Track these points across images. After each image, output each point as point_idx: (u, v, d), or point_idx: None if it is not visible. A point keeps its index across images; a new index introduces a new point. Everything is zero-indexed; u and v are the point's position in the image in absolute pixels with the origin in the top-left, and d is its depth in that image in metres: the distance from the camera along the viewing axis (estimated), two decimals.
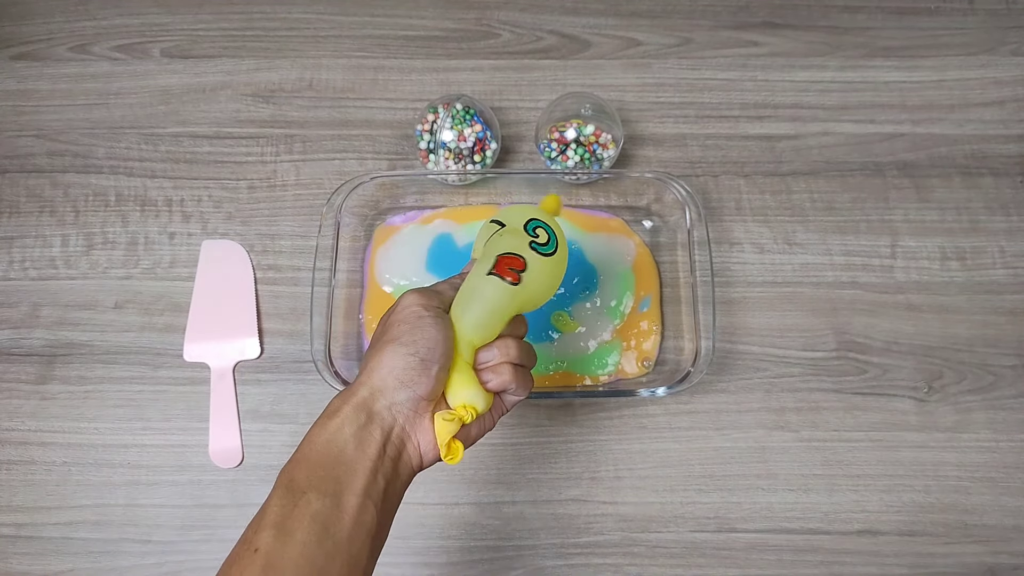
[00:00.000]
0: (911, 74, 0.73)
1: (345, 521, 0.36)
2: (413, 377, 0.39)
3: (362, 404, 0.38)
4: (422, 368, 0.39)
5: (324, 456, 0.37)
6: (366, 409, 0.38)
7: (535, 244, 0.43)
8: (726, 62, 0.73)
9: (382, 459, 0.38)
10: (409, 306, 0.41)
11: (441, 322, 0.41)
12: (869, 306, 0.64)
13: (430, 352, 0.39)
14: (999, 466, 0.60)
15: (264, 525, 0.35)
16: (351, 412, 0.38)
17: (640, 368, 0.62)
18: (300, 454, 0.38)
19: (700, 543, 0.58)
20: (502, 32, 0.74)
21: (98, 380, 0.62)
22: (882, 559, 0.58)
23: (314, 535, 0.34)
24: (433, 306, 0.41)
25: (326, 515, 0.35)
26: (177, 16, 0.75)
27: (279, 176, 0.69)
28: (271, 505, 0.36)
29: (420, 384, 0.39)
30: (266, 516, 0.35)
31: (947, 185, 0.69)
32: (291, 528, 0.34)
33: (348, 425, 0.38)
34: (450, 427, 0.40)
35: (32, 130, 0.70)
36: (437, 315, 0.41)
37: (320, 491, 0.36)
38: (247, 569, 0.33)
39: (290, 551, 0.34)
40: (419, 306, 0.41)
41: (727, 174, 0.69)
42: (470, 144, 0.63)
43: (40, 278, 0.65)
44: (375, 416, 0.38)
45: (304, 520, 0.35)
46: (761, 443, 0.61)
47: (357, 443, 0.37)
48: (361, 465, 0.37)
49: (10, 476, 0.60)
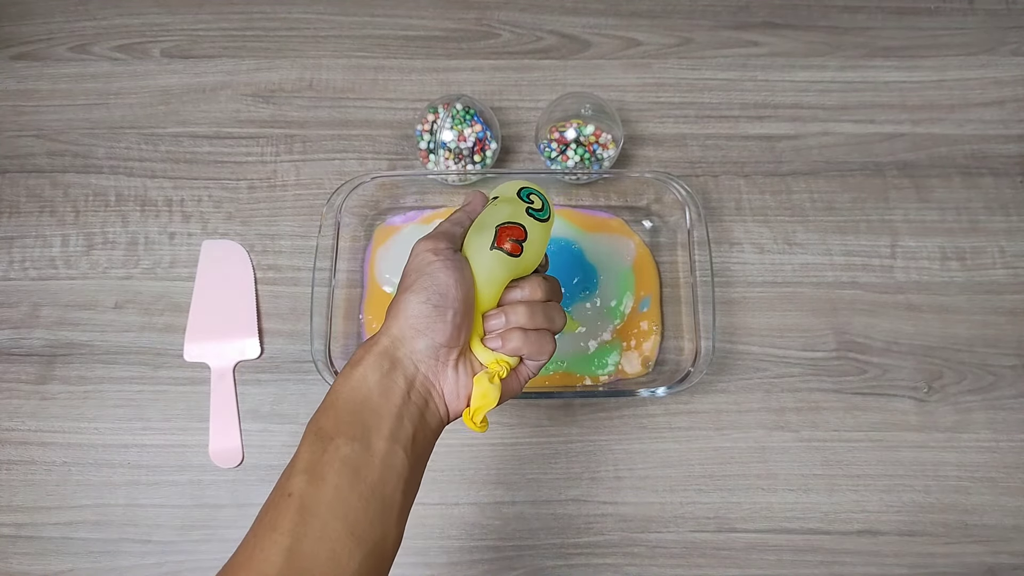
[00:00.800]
0: (911, 74, 0.73)
1: (375, 464, 0.36)
2: (429, 324, 0.39)
3: (384, 352, 0.38)
4: (437, 315, 0.39)
5: (350, 403, 0.37)
6: (388, 357, 0.38)
7: (531, 210, 0.43)
8: (726, 62, 0.73)
9: (407, 405, 0.38)
10: (419, 253, 0.41)
11: (452, 264, 0.40)
12: (869, 306, 0.64)
13: (442, 298, 0.39)
14: (999, 466, 0.60)
15: (296, 471, 0.35)
16: (374, 360, 0.38)
17: (641, 368, 0.62)
18: (327, 403, 0.38)
19: (700, 543, 0.58)
20: (502, 32, 0.74)
21: (98, 380, 0.62)
22: (882, 559, 0.58)
23: (346, 478, 0.35)
24: (442, 248, 0.40)
25: (356, 459, 0.35)
26: (177, 16, 0.75)
27: (279, 176, 0.69)
28: (301, 453, 0.36)
29: (437, 331, 0.39)
30: (297, 463, 0.36)
31: (947, 185, 0.69)
32: (322, 472, 0.35)
33: (372, 373, 0.38)
34: (492, 390, 0.40)
35: (32, 130, 0.70)
36: (447, 257, 0.40)
37: (348, 436, 0.36)
38: (283, 513, 0.34)
39: (324, 494, 0.34)
40: (428, 251, 0.40)
41: (727, 174, 0.69)
42: (470, 144, 0.63)
43: (40, 278, 0.65)
44: (398, 363, 0.38)
45: (335, 464, 0.35)
46: (761, 443, 0.61)
47: (382, 390, 0.38)
48: (387, 410, 0.37)
49: (10, 476, 0.60)
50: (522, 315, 0.42)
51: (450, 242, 0.41)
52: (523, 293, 0.43)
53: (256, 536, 0.34)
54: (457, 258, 0.40)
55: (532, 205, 0.43)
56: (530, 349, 0.42)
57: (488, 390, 0.40)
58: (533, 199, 0.43)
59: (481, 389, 0.40)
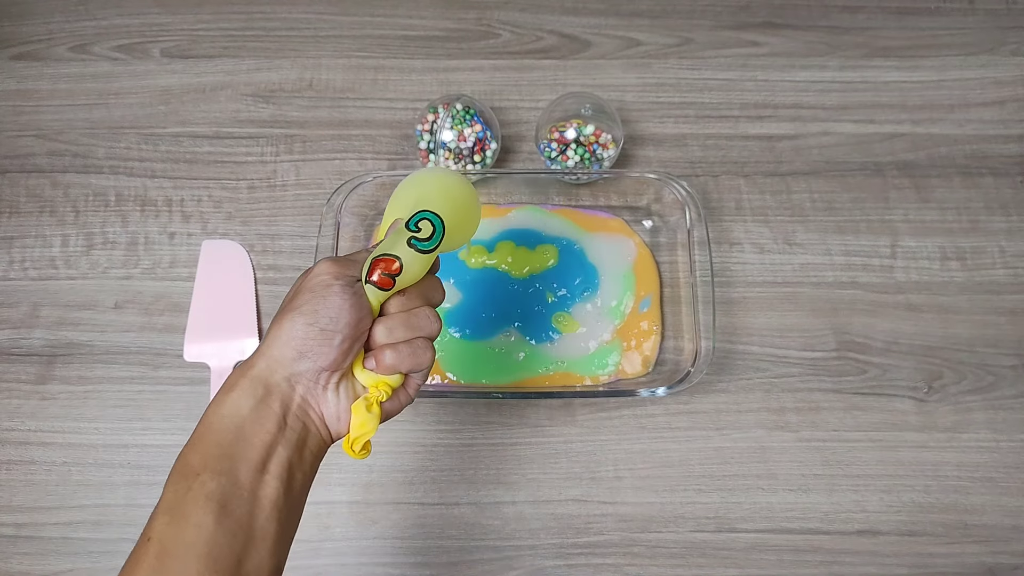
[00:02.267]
0: (911, 74, 0.73)
1: (245, 497, 0.34)
2: (313, 347, 0.37)
3: (259, 377, 0.37)
4: (323, 338, 0.37)
5: (220, 434, 0.36)
6: (263, 382, 0.37)
7: (414, 240, 0.39)
8: (726, 62, 0.73)
9: (283, 431, 0.37)
10: (319, 275, 0.39)
11: (350, 291, 0.38)
12: (869, 306, 0.64)
13: (332, 322, 0.37)
14: (999, 466, 0.60)
15: (157, 513, 0.34)
16: (248, 385, 0.37)
17: (641, 368, 0.62)
18: (196, 435, 0.36)
19: (700, 543, 0.58)
20: (502, 32, 0.74)
21: (98, 380, 0.62)
22: (882, 559, 0.58)
23: (211, 515, 0.33)
24: (345, 274, 0.39)
25: (222, 493, 0.34)
26: (177, 16, 0.75)
27: (279, 176, 0.69)
28: (166, 492, 0.35)
29: (321, 355, 0.37)
30: (160, 504, 0.34)
31: (947, 185, 0.69)
32: (185, 511, 0.33)
33: (245, 399, 0.36)
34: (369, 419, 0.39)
35: (32, 130, 0.70)
36: (347, 283, 0.38)
37: (215, 470, 0.34)
38: (141, 560, 0.32)
39: (185, 535, 0.33)
40: (328, 275, 0.39)
41: (727, 174, 0.69)
42: (470, 144, 0.63)
43: (40, 278, 0.65)
44: (274, 388, 0.37)
45: (199, 501, 0.33)
46: (761, 443, 0.61)
47: (255, 417, 0.36)
48: (259, 439, 0.36)
49: (10, 476, 0.60)
50: (385, 331, 0.40)
51: (355, 271, 0.40)
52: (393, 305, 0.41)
53: None
54: (357, 288, 0.39)
55: (417, 235, 0.39)
56: (406, 363, 0.40)
57: (366, 419, 0.39)
58: (422, 226, 0.39)
59: (359, 418, 0.39)
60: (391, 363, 0.40)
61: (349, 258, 0.41)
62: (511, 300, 0.63)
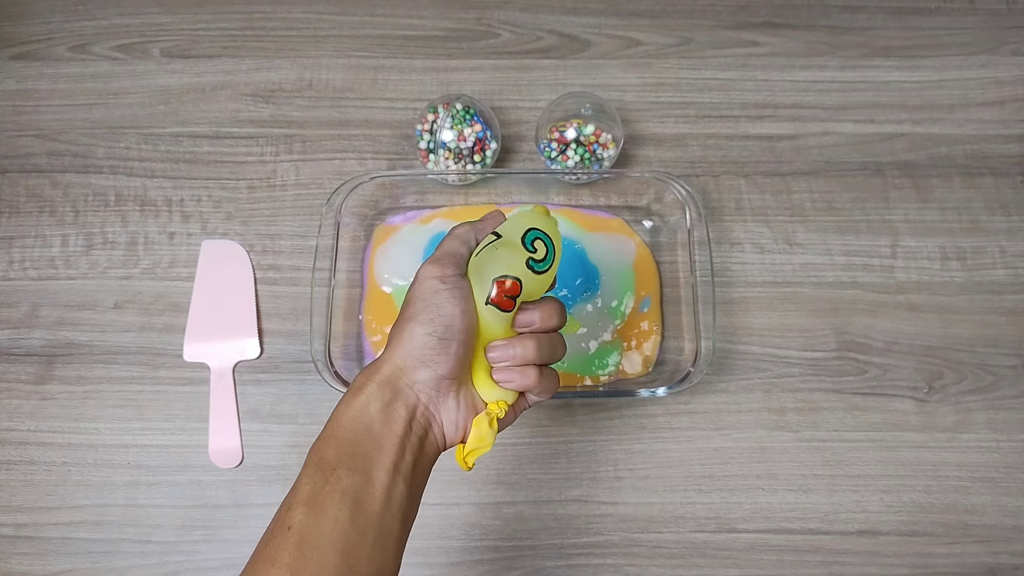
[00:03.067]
0: (911, 74, 0.73)
1: (376, 496, 0.36)
2: (432, 356, 0.38)
3: (386, 381, 0.38)
4: (441, 347, 0.38)
5: (352, 432, 0.37)
6: (391, 386, 0.38)
7: (532, 261, 0.40)
8: (726, 62, 0.73)
9: (409, 435, 0.38)
10: (425, 280, 0.40)
11: (458, 293, 0.39)
12: (869, 306, 0.64)
13: (447, 330, 0.38)
14: (999, 466, 0.60)
15: (296, 503, 0.35)
16: (376, 389, 0.38)
17: (641, 368, 0.62)
18: (328, 431, 0.38)
19: (700, 543, 0.58)
20: (502, 32, 0.74)
21: (98, 380, 0.62)
22: (882, 559, 0.58)
23: (346, 510, 0.35)
24: (449, 275, 0.40)
25: (357, 490, 0.35)
26: (177, 16, 0.75)
27: (279, 176, 0.69)
28: (302, 483, 0.36)
29: (440, 363, 0.38)
30: (298, 494, 0.36)
31: (947, 185, 0.69)
32: (323, 504, 0.35)
33: (374, 401, 0.38)
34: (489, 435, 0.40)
35: (32, 130, 0.70)
36: (454, 285, 0.39)
37: (350, 467, 0.36)
38: (282, 547, 0.34)
39: (323, 527, 0.34)
40: (435, 279, 0.39)
41: (727, 174, 0.69)
42: (470, 144, 0.63)
43: (40, 278, 0.65)
44: (400, 393, 0.38)
45: (335, 496, 0.35)
46: (761, 443, 0.61)
47: (384, 419, 0.38)
48: (389, 441, 0.37)
49: (10, 476, 0.60)
50: (531, 349, 0.40)
51: (456, 267, 0.40)
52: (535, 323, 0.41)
53: (255, 571, 0.34)
54: (463, 286, 0.40)
55: (534, 255, 0.40)
56: (542, 386, 0.41)
57: (486, 434, 0.40)
58: (537, 246, 0.40)
59: (479, 432, 0.40)
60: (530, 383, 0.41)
61: (445, 253, 0.41)
62: None
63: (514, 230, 0.41)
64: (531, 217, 0.42)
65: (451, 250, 0.41)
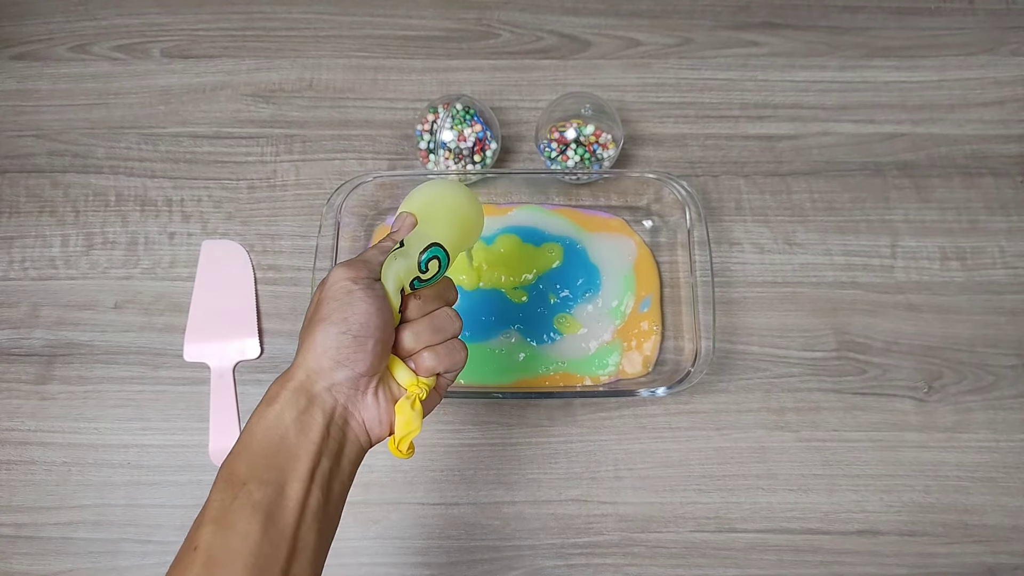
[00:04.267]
0: (911, 74, 0.73)
1: (290, 507, 0.35)
2: (348, 355, 0.38)
3: (301, 388, 0.37)
4: (357, 345, 0.38)
5: (265, 445, 0.36)
6: (305, 392, 0.37)
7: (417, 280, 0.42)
8: (726, 62, 0.73)
9: (326, 441, 0.37)
10: (337, 281, 0.39)
11: (372, 293, 0.39)
12: (869, 306, 0.64)
13: (363, 327, 0.38)
14: (999, 466, 0.60)
15: (204, 521, 0.34)
16: (290, 396, 0.37)
17: (641, 368, 0.62)
18: (240, 445, 0.37)
19: (700, 543, 0.58)
20: (502, 32, 0.74)
21: (98, 380, 0.62)
22: (882, 559, 0.58)
23: (257, 525, 0.34)
24: (362, 278, 0.39)
25: (268, 503, 0.34)
26: (177, 16, 0.75)
27: (279, 176, 0.69)
28: (211, 501, 0.35)
29: (357, 361, 0.38)
30: (207, 512, 0.35)
31: (947, 185, 0.69)
32: (232, 521, 0.34)
33: (288, 410, 0.37)
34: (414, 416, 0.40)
35: (32, 130, 0.70)
36: (367, 286, 0.39)
37: (261, 480, 0.35)
38: (189, 568, 0.33)
39: (232, 544, 0.33)
40: (347, 280, 0.39)
41: (727, 174, 0.69)
42: (470, 144, 0.63)
43: (40, 278, 0.65)
44: (315, 399, 0.38)
45: (246, 511, 0.34)
46: (761, 443, 0.61)
47: (299, 428, 0.37)
48: (304, 450, 0.36)
49: (10, 476, 0.60)
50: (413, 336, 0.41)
51: (369, 271, 0.40)
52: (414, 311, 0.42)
53: None
54: (376, 287, 0.40)
55: (422, 275, 0.42)
56: (444, 363, 0.41)
57: (411, 417, 0.40)
58: (430, 266, 0.42)
59: (404, 417, 0.40)
60: (431, 364, 0.41)
61: (360, 259, 0.41)
62: (513, 302, 0.63)
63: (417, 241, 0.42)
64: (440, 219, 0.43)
65: (367, 257, 0.42)
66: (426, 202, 0.45)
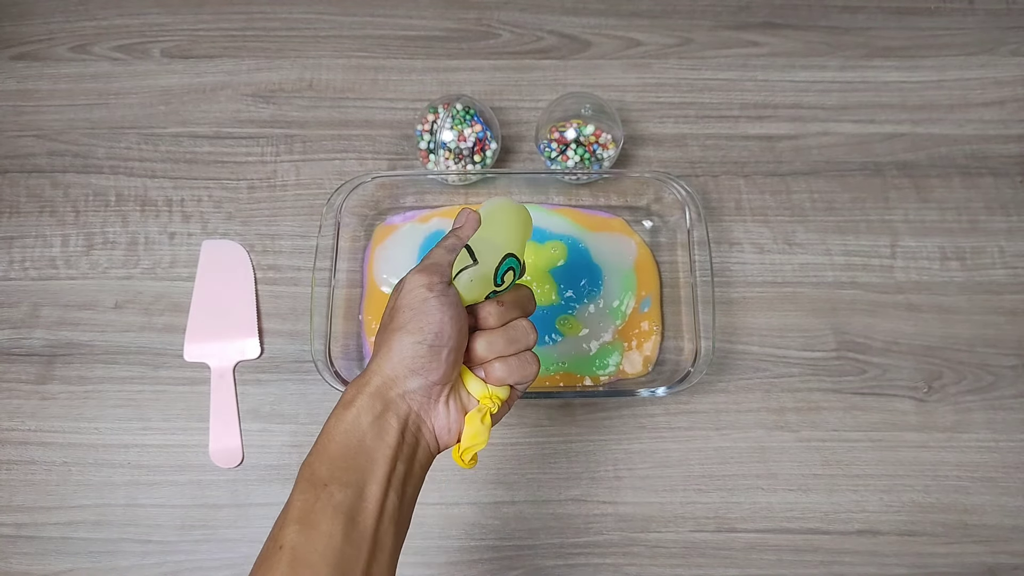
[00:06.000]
0: (911, 74, 0.73)
1: (369, 510, 0.36)
2: (423, 364, 0.38)
3: (376, 393, 0.38)
4: (431, 355, 0.38)
5: (343, 447, 0.37)
6: (381, 397, 0.38)
7: (493, 292, 0.42)
8: (726, 62, 0.73)
9: (401, 447, 0.38)
10: (412, 289, 0.40)
11: (446, 300, 0.39)
12: (869, 306, 0.64)
13: (438, 337, 0.38)
14: (999, 466, 0.60)
15: (288, 521, 0.35)
16: (366, 401, 0.38)
17: (641, 368, 0.62)
18: (319, 446, 0.38)
19: (700, 543, 0.58)
20: (502, 32, 0.74)
21: (98, 380, 0.62)
22: (882, 559, 0.58)
23: (339, 526, 0.35)
24: (436, 283, 0.40)
25: (349, 505, 0.35)
26: (177, 16, 0.75)
27: (279, 176, 0.69)
28: (294, 500, 0.36)
29: (431, 371, 0.39)
30: (290, 512, 0.36)
31: (947, 185, 0.69)
32: (315, 521, 0.35)
33: (365, 414, 0.38)
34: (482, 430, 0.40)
35: (32, 130, 0.70)
36: (441, 293, 0.39)
37: (342, 482, 0.36)
38: (275, 567, 0.34)
39: (316, 544, 0.34)
40: (422, 287, 0.39)
41: (727, 174, 0.69)
42: (470, 144, 0.63)
43: (40, 278, 0.65)
44: (391, 404, 0.38)
45: (328, 512, 0.35)
46: (761, 443, 0.61)
47: (376, 432, 0.38)
48: (381, 454, 0.37)
49: (10, 476, 0.60)
50: (487, 345, 0.41)
51: (442, 276, 0.40)
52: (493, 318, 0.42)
53: None
54: (451, 293, 0.40)
55: (499, 288, 0.42)
56: (515, 376, 0.41)
57: (479, 430, 0.40)
58: (506, 278, 0.42)
59: (472, 429, 0.40)
60: (501, 375, 0.41)
61: (431, 262, 0.41)
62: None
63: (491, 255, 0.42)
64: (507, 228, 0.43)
65: (437, 259, 0.42)
66: (487, 211, 0.45)
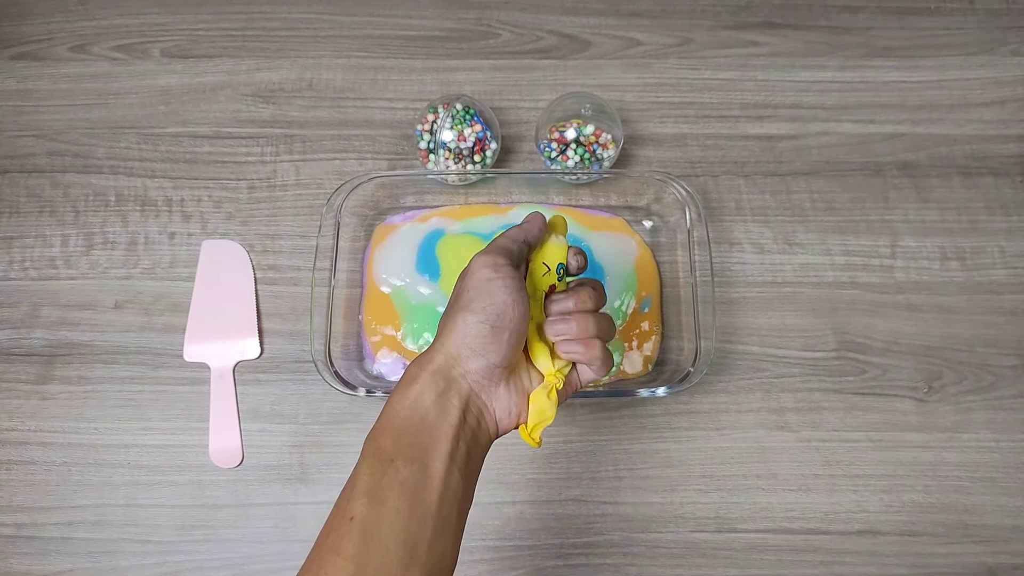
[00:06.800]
0: (911, 74, 0.73)
1: (434, 486, 0.36)
2: (485, 345, 0.38)
3: (439, 371, 0.38)
4: (494, 336, 0.38)
5: (407, 423, 0.37)
6: (444, 376, 0.38)
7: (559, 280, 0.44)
8: (726, 62, 0.73)
9: (463, 425, 0.38)
10: (478, 269, 0.40)
11: (511, 283, 0.39)
12: (869, 306, 0.64)
13: (500, 318, 0.38)
14: (999, 466, 0.60)
15: (356, 494, 0.35)
16: (429, 379, 0.38)
17: (641, 368, 0.62)
18: (384, 421, 0.38)
19: (700, 543, 0.58)
20: (502, 32, 0.74)
21: (98, 380, 0.62)
22: (882, 559, 0.58)
23: (405, 501, 0.35)
24: (502, 265, 0.40)
25: (415, 481, 0.35)
26: (177, 16, 0.75)
27: (279, 176, 0.69)
28: (361, 474, 0.36)
29: (493, 352, 0.38)
30: (357, 485, 0.36)
31: (947, 185, 0.69)
32: (383, 495, 0.35)
33: (428, 392, 0.38)
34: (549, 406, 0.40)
35: (32, 130, 0.70)
36: (506, 275, 0.39)
37: (407, 458, 0.36)
38: (346, 537, 0.34)
39: (384, 517, 0.34)
40: (487, 268, 0.39)
41: (727, 174, 0.69)
42: (470, 144, 0.63)
43: (40, 278, 0.65)
44: (453, 383, 0.38)
45: (395, 487, 0.35)
46: (761, 443, 0.61)
47: (438, 410, 0.38)
48: (444, 431, 0.37)
49: (10, 476, 0.60)
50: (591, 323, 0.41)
51: (508, 258, 0.40)
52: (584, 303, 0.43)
53: (320, 559, 0.34)
54: (515, 275, 0.40)
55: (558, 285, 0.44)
56: (605, 358, 0.41)
57: (545, 406, 0.41)
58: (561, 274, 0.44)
59: (538, 405, 0.41)
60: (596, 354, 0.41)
61: (496, 244, 0.42)
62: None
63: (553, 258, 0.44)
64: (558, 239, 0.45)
65: (503, 244, 0.42)
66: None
